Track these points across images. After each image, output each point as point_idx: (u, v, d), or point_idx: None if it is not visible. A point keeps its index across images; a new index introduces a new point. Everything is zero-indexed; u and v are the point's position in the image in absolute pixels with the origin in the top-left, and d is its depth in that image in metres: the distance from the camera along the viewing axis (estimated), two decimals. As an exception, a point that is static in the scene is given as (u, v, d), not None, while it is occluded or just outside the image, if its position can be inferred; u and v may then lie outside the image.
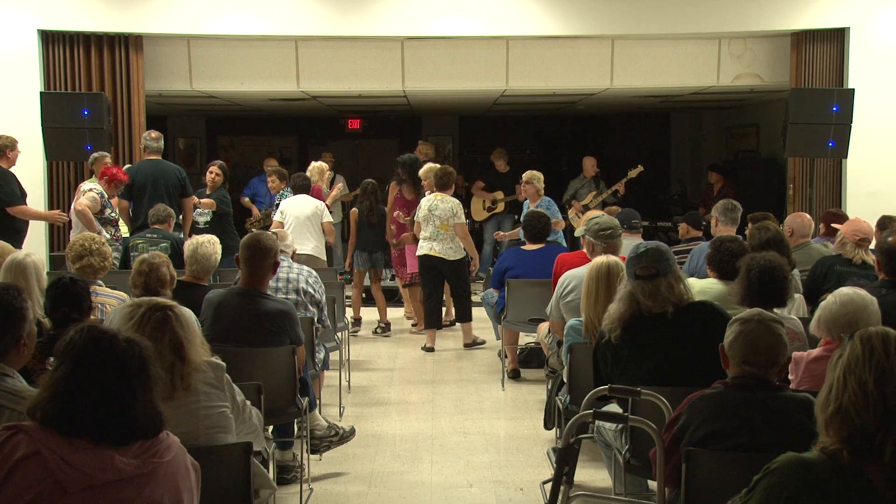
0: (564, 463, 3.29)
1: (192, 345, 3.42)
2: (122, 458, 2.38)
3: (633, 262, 4.20)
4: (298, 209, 9.09)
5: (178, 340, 3.36)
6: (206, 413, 3.49)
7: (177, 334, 3.37)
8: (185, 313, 3.50)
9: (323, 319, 6.04)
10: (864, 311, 3.95)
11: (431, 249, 8.78)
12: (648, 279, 4.12)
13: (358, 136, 17.80)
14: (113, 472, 2.35)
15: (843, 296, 4.03)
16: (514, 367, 7.89)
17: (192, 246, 5.77)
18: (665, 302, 4.11)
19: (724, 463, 3.20)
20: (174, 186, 8.88)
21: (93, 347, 2.43)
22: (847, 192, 10.75)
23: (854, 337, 2.34)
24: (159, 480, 2.43)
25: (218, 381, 3.58)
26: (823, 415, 2.30)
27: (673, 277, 4.16)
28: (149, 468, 2.41)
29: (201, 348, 3.51)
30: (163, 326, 3.36)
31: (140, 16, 10.52)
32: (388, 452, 5.95)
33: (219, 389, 3.57)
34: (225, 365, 3.66)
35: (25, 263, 4.69)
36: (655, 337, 4.10)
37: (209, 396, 3.52)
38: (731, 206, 6.97)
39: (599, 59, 11.32)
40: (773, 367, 3.28)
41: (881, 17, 10.62)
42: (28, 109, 9.96)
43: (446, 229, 8.75)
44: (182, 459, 2.55)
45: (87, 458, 2.34)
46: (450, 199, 8.85)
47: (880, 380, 2.24)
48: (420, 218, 8.87)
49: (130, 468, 2.38)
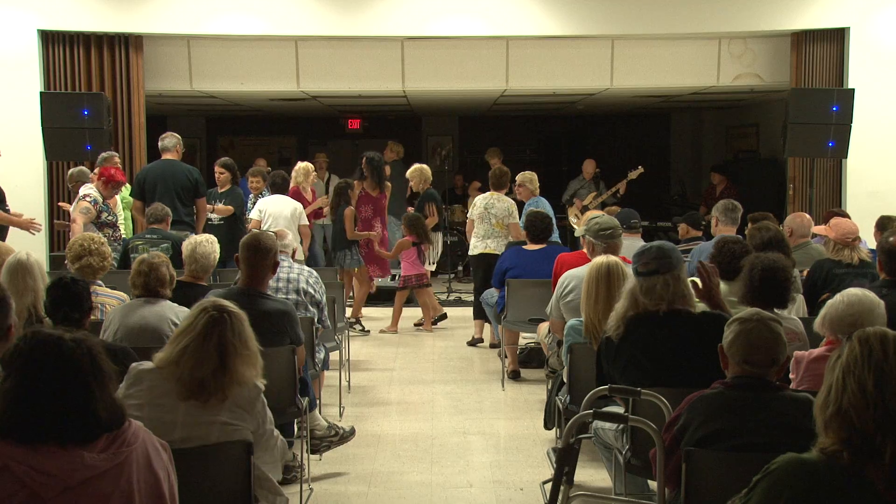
0: (564, 463, 3.29)
1: (238, 355, 3.36)
2: (91, 454, 2.36)
3: (636, 259, 4.23)
4: (278, 209, 9.15)
5: (225, 345, 3.33)
6: (223, 429, 3.37)
7: (226, 338, 3.34)
8: (243, 322, 3.44)
9: (323, 319, 6.04)
10: (871, 313, 3.93)
11: (487, 248, 8.98)
12: (647, 276, 4.13)
13: (358, 137, 17.79)
14: (85, 469, 2.34)
15: (851, 296, 4.01)
16: (514, 367, 7.88)
17: (191, 245, 5.76)
18: (659, 300, 4.10)
19: (724, 463, 3.19)
20: (184, 187, 8.78)
21: (39, 352, 2.39)
22: (847, 192, 10.74)
23: (852, 338, 2.33)
24: (132, 467, 2.43)
25: (248, 403, 3.44)
26: (822, 416, 2.29)
27: (672, 277, 4.14)
28: (120, 458, 2.40)
29: (252, 365, 3.42)
30: (213, 327, 3.34)
31: (140, 16, 10.52)
32: (388, 452, 5.94)
33: (245, 411, 3.43)
34: (263, 388, 3.53)
35: (30, 263, 4.69)
36: (654, 335, 4.10)
37: (233, 415, 3.40)
38: (732, 205, 6.97)
39: (599, 60, 11.31)
40: (772, 366, 3.27)
41: (881, 17, 10.62)
42: (28, 109, 9.96)
43: (501, 227, 9.00)
44: (150, 441, 2.54)
45: (56, 461, 2.32)
46: (506, 199, 9.12)
47: (880, 381, 2.23)
48: (475, 216, 9.07)
49: (102, 462, 2.37)
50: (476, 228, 9.09)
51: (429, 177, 10.19)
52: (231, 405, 3.39)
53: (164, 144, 9.04)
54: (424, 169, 10.24)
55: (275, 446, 3.61)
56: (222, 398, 3.34)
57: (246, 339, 3.43)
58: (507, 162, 12.77)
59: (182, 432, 3.30)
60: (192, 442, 3.30)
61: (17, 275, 4.64)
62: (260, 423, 3.50)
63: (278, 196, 9.37)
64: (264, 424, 3.53)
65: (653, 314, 4.11)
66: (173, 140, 9.03)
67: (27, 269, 4.66)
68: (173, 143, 8.99)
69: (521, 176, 9.47)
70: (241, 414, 3.42)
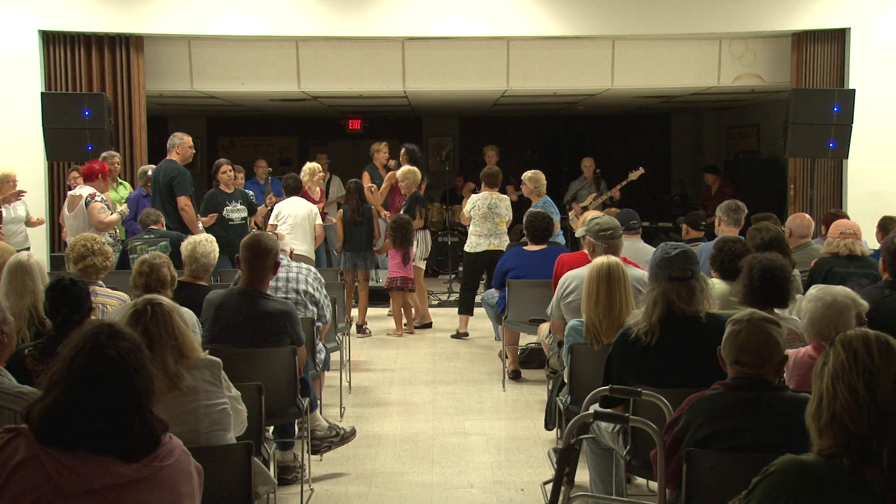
0: (565, 463, 3.27)
1: (164, 346, 3.45)
2: (121, 463, 2.35)
3: (666, 263, 4.12)
4: (295, 210, 9.25)
5: (149, 336, 3.38)
6: (206, 412, 3.55)
7: (147, 329, 3.41)
8: (168, 314, 3.53)
9: (323, 316, 6.02)
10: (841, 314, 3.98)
11: (491, 245, 9.19)
12: (685, 281, 4.10)
13: (358, 137, 17.78)
14: (112, 476, 2.33)
15: (826, 295, 4.05)
16: (514, 368, 7.88)
17: (190, 245, 5.76)
18: (699, 304, 4.09)
19: (725, 463, 3.19)
20: (165, 185, 8.76)
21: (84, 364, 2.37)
22: (848, 192, 10.74)
23: (835, 344, 2.32)
24: (160, 485, 2.41)
25: (215, 378, 3.65)
26: (816, 425, 2.28)
27: (703, 280, 4.17)
28: (149, 472, 2.39)
29: (181, 356, 3.51)
30: (137, 318, 3.44)
31: (141, 16, 10.52)
32: (388, 453, 5.94)
33: (216, 387, 3.64)
34: (220, 361, 3.71)
35: (30, 264, 4.68)
36: (689, 340, 4.05)
37: (209, 394, 3.58)
38: (735, 206, 6.96)
39: (600, 60, 11.31)
40: (764, 365, 3.27)
41: (882, 17, 10.61)
42: (29, 110, 9.95)
43: (503, 225, 9.31)
44: (185, 463, 2.52)
45: (86, 463, 2.32)
46: (504, 197, 9.50)
47: (870, 383, 2.22)
48: (478, 216, 9.20)
49: (131, 472, 2.35)
50: (477, 227, 9.18)
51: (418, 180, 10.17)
52: (201, 385, 3.55)
53: (167, 145, 9.04)
54: (417, 173, 10.20)
55: (243, 410, 3.83)
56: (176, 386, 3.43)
57: (173, 327, 3.52)
58: (508, 162, 12.79)
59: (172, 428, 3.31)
60: (185, 435, 3.29)
61: (16, 276, 4.63)
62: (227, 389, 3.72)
63: (294, 198, 9.47)
64: (231, 391, 3.76)
65: (693, 318, 4.08)
66: (172, 141, 8.99)
67: (27, 270, 4.65)
68: (172, 144, 8.95)
69: (524, 174, 9.50)
70: (216, 391, 3.62)
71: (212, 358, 3.69)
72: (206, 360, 3.64)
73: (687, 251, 4.18)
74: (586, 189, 12.33)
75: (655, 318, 4.08)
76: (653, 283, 4.19)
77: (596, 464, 4.65)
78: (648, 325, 4.08)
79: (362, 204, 9.71)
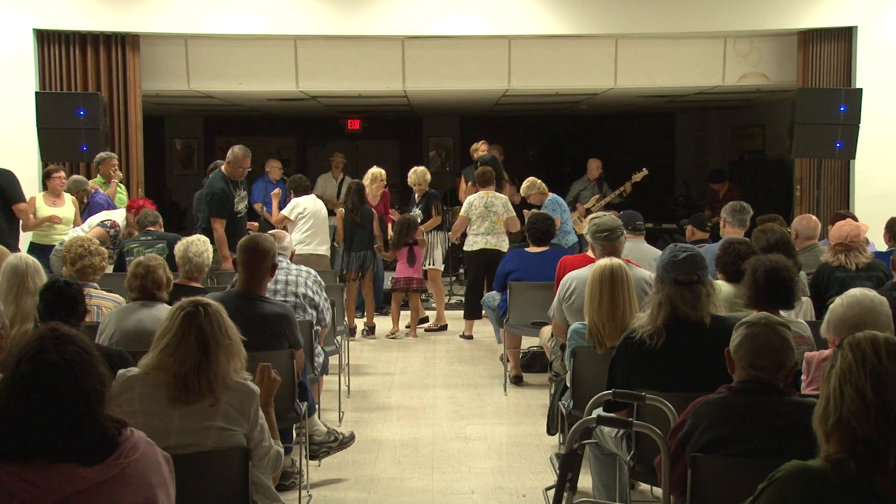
0: (568, 469, 3.25)
1: (220, 344, 3.33)
2: (83, 467, 2.31)
3: (673, 265, 4.07)
4: (315, 207, 9.38)
5: (205, 336, 3.30)
6: (219, 434, 3.33)
7: (203, 329, 3.31)
8: (220, 312, 3.42)
9: (322, 319, 5.94)
10: (871, 311, 3.88)
11: (488, 243, 9.19)
12: (690, 285, 4.04)
13: (358, 137, 17.75)
14: (77, 481, 2.29)
15: (850, 297, 3.98)
16: (516, 373, 7.78)
17: (183, 246, 5.76)
18: (704, 310, 4.04)
19: (730, 469, 3.16)
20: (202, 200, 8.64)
21: (27, 371, 2.32)
22: (855, 193, 10.71)
23: (843, 345, 2.30)
24: (130, 481, 2.38)
25: (243, 409, 3.39)
26: (823, 427, 2.26)
27: (710, 286, 4.12)
28: (115, 470, 2.35)
29: (235, 354, 3.39)
30: (190, 320, 3.33)
31: (137, 15, 10.48)
32: (388, 458, 5.89)
33: (241, 416, 3.38)
34: (257, 392, 3.47)
35: (27, 267, 4.71)
36: (694, 344, 4.00)
37: (229, 420, 3.35)
38: (740, 207, 6.92)
39: (603, 59, 11.28)
40: (779, 371, 3.23)
41: (889, 15, 10.59)
42: (23, 109, 9.91)
43: (501, 223, 9.24)
44: (151, 454, 2.48)
45: (47, 474, 2.27)
46: (500, 195, 9.42)
47: (877, 385, 2.20)
48: (476, 215, 9.20)
49: (95, 474, 2.32)
50: (475, 226, 9.20)
51: (429, 178, 10.21)
52: (226, 409, 3.34)
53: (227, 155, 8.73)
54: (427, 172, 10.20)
55: (265, 456, 3.51)
56: (213, 401, 3.30)
57: (226, 328, 3.40)
58: (509, 163, 12.71)
59: (177, 439, 3.27)
60: (188, 448, 3.26)
61: (13, 278, 4.66)
62: (252, 428, 3.43)
63: (310, 196, 9.58)
64: (254, 431, 3.44)
65: (697, 323, 4.03)
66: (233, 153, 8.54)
67: (24, 271, 4.68)
68: (229, 157, 8.56)
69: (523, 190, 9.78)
70: (237, 419, 3.38)
71: (251, 386, 3.45)
72: (241, 386, 3.39)
73: (695, 255, 4.13)
74: (588, 190, 12.26)
75: (661, 320, 4.04)
76: (658, 284, 4.15)
77: (599, 469, 4.62)
78: (654, 327, 4.04)
79: (361, 205, 9.61)
